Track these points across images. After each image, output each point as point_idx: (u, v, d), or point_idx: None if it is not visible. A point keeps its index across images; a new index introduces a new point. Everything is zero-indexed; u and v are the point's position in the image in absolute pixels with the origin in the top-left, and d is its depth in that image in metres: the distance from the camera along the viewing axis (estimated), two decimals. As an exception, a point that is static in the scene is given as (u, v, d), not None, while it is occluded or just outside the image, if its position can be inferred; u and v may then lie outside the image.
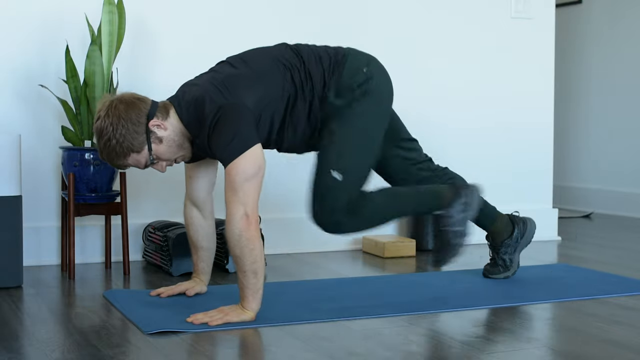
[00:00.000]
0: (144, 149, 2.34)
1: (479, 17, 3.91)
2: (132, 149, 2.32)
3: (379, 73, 2.58)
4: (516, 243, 2.86)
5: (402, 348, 2.06)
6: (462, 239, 2.67)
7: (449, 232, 2.65)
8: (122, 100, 2.34)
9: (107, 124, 2.30)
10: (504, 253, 2.86)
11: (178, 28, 3.38)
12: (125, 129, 2.30)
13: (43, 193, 3.19)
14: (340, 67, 2.51)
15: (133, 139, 2.31)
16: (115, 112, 2.31)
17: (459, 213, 2.64)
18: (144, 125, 2.32)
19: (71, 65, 2.98)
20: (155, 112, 2.34)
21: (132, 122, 2.31)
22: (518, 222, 2.86)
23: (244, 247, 2.23)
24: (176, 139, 2.37)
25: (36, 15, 3.16)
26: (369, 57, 2.61)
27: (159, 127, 2.34)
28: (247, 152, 2.24)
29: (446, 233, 2.65)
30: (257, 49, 2.56)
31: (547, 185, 4.10)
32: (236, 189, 2.23)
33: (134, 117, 2.31)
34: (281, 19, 3.53)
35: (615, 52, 5.17)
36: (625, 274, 3.04)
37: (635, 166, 5.02)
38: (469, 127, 3.90)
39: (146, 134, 2.32)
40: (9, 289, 2.72)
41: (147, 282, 2.90)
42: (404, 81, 3.75)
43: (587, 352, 2.03)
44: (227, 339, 2.13)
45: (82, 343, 2.07)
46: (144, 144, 2.33)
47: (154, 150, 2.35)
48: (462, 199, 2.65)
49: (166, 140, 2.36)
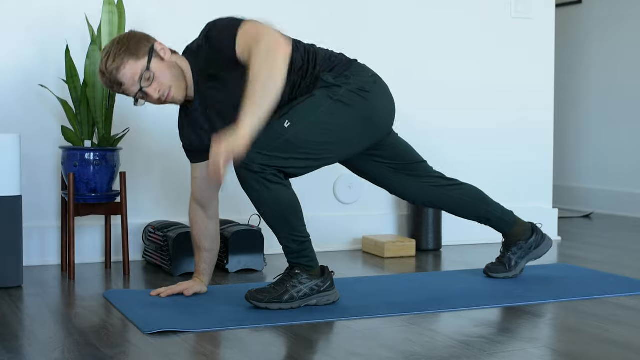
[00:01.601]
0: (143, 59, 2.41)
1: (479, 17, 3.92)
2: (133, 53, 2.39)
3: (380, 88, 2.52)
4: (529, 249, 2.88)
5: (402, 348, 2.06)
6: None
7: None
8: (126, 34, 2.49)
9: (114, 41, 2.43)
10: (513, 253, 2.86)
11: (178, 28, 3.37)
12: (131, 36, 2.43)
13: (43, 193, 3.20)
14: (345, 65, 2.49)
15: (137, 47, 2.41)
16: (120, 37, 2.45)
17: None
18: (150, 43, 2.44)
19: (71, 65, 2.98)
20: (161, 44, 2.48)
21: (138, 37, 2.44)
22: (538, 232, 2.90)
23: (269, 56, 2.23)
24: (175, 68, 2.44)
25: (36, 16, 3.16)
26: (373, 72, 2.55)
27: (162, 50, 2.44)
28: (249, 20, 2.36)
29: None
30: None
31: (547, 185, 4.11)
32: (259, 38, 2.28)
33: (142, 36, 2.46)
34: (281, 20, 3.53)
35: (615, 52, 5.17)
36: (625, 274, 3.04)
37: (635, 166, 5.02)
38: (469, 127, 3.90)
39: (150, 51, 2.42)
40: (9, 289, 2.72)
41: (147, 282, 2.90)
42: (404, 82, 3.75)
43: (587, 352, 2.03)
44: (227, 339, 2.13)
45: (82, 343, 2.07)
46: (145, 55, 2.41)
47: (153, 65, 2.41)
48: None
49: (167, 62, 2.43)
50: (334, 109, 2.40)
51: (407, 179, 2.71)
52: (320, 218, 3.56)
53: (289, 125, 2.33)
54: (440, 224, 3.63)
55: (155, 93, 2.41)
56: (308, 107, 2.38)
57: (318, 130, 2.38)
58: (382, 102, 2.52)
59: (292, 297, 2.40)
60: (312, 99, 2.39)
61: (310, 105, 2.38)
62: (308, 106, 2.38)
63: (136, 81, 2.39)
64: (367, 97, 2.45)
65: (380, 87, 2.52)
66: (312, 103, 2.38)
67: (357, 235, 3.66)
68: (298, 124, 2.35)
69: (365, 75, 2.50)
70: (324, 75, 2.43)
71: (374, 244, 3.51)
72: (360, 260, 3.42)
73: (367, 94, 2.45)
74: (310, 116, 2.37)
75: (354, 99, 2.43)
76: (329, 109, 2.39)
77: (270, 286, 2.43)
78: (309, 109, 2.37)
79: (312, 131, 2.37)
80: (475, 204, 2.79)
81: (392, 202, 3.77)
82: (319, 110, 2.38)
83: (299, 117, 2.36)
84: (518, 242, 2.86)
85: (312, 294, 2.43)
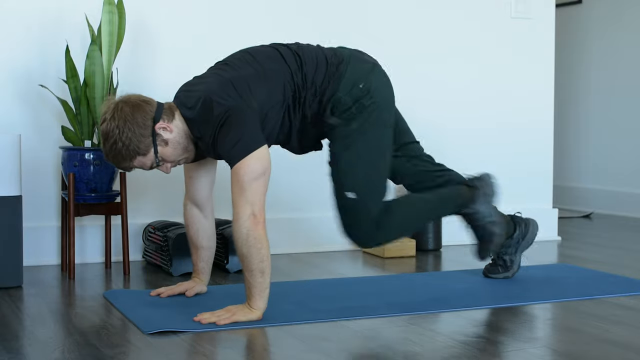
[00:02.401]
0: (150, 152, 2.34)
1: (479, 17, 3.91)
2: (139, 152, 2.32)
3: (378, 83, 2.55)
4: (517, 244, 2.86)
5: (402, 348, 2.06)
6: (497, 226, 2.76)
7: (485, 225, 2.75)
8: (128, 103, 2.33)
9: (113, 127, 2.30)
10: (504, 253, 2.86)
11: (178, 28, 3.38)
12: (132, 132, 2.29)
13: (43, 193, 3.19)
14: (337, 80, 2.48)
15: (139, 142, 2.31)
16: (121, 115, 2.30)
17: (483, 205, 2.75)
18: (150, 128, 2.32)
19: (71, 65, 2.98)
20: (161, 115, 2.34)
21: (139, 125, 2.30)
22: (520, 223, 2.87)
23: (251, 246, 2.23)
24: (181, 141, 2.38)
25: (36, 16, 3.16)
26: (369, 66, 2.57)
27: (164, 130, 2.34)
28: (254, 152, 2.25)
29: (483, 227, 2.76)
30: (263, 48, 2.53)
31: (547, 186, 4.11)
32: (244, 188, 2.24)
33: (140, 120, 2.31)
34: (280, 19, 3.54)
35: (615, 52, 5.17)
36: (625, 274, 3.04)
37: (635, 166, 5.02)
38: (469, 127, 3.90)
39: (152, 136, 2.32)
40: (9, 289, 2.72)
41: (147, 282, 2.90)
42: (404, 82, 3.75)
43: (587, 352, 2.03)
44: (227, 339, 2.13)
45: (82, 343, 2.07)
46: (150, 147, 2.33)
47: (160, 153, 2.35)
48: (481, 190, 2.74)
49: (172, 143, 2.36)
50: (364, 142, 2.51)
51: (397, 159, 2.74)
52: (321, 218, 3.56)
53: (354, 193, 2.50)
54: (440, 224, 3.63)
55: (167, 169, 2.43)
56: (345, 167, 2.50)
57: (367, 168, 2.52)
58: (385, 96, 2.57)
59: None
60: (342, 159, 2.50)
61: (347, 163, 2.50)
62: (345, 166, 2.50)
63: (148, 166, 2.39)
64: (371, 107, 2.51)
65: (376, 78, 2.55)
66: (346, 161, 2.50)
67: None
68: (355, 184, 2.50)
69: (356, 85, 2.50)
70: (327, 115, 2.48)
71: (374, 244, 3.51)
72: (360, 260, 3.42)
73: (373, 103, 2.51)
74: (355, 171, 2.50)
75: (366, 122, 2.50)
76: (359, 150, 2.50)
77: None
78: (349, 166, 2.50)
79: (367, 175, 2.52)
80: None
81: (392, 202, 3.77)
82: (356, 160, 2.50)
83: (351, 181, 2.50)
84: (504, 242, 2.86)
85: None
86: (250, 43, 2.71)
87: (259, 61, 2.44)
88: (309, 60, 2.48)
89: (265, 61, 2.44)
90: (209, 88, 2.35)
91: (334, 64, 2.51)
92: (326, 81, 2.47)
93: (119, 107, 2.32)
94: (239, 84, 2.35)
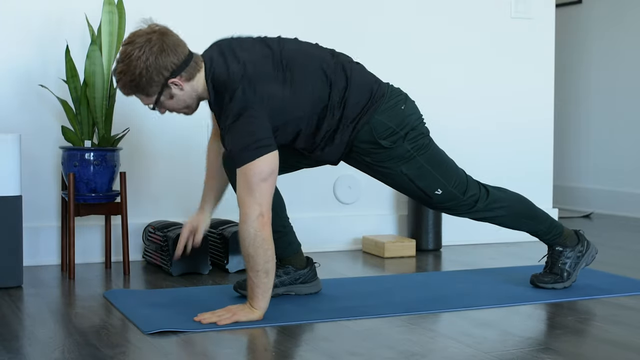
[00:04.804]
0: (152, 96, 2.33)
1: (479, 17, 3.91)
2: (142, 91, 2.32)
3: (412, 107, 2.56)
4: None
5: (402, 348, 2.06)
6: (566, 281, 2.76)
7: (563, 269, 2.76)
8: (162, 37, 2.30)
9: (135, 57, 2.26)
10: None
11: (178, 28, 3.37)
12: (148, 72, 2.26)
13: (43, 193, 3.19)
14: (376, 104, 2.47)
15: (148, 84, 2.29)
16: (149, 49, 2.26)
17: (572, 254, 2.78)
18: (165, 78, 2.29)
19: (71, 65, 2.98)
20: (183, 70, 2.31)
21: (157, 69, 2.27)
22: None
23: (258, 247, 2.23)
24: (187, 100, 2.37)
25: (36, 15, 3.16)
26: (404, 95, 2.57)
27: (176, 86, 2.32)
28: (264, 156, 2.25)
29: (562, 269, 2.76)
30: (307, 47, 2.48)
31: (547, 186, 4.10)
32: (253, 189, 2.23)
33: (161, 65, 2.27)
34: (280, 19, 3.53)
35: (615, 52, 5.17)
36: (625, 274, 3.04)
37: (635, 166, 5.02)
38: (469, 127, 3.90)
39: (162, 86, 2.31)
40: (9, 289, 2.72)
41: (147, 282, 2.90)
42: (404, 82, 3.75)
43: (587, 352, 2.03)
44: (227, 339, 2.13)
45: (82, 343, 2.07)
46: (155, 93, 2.32)
47: (161, 101, 2.35)
48: (585, 243, 2.81)
49: (177, 98, 2.35)
50: (423, 154, 2.53)
51: None
52: (320, 218, 3.56)
53: (439, 189, 2.57)
54: (440, 224, 3.63)
55: (162, 113, 2.41)
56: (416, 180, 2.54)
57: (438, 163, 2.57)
58: (419, 116, 2.59)
59: (568, 273, 2.76)
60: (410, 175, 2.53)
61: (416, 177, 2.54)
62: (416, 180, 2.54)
63: (144, 103, 2.38)
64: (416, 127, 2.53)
65: (409, 106, 2.55)
66: (415, 175, 2.53)
67: (357, 235, 3.66)
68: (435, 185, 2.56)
69: (397, 106, 2.50)
70: (383, 142, 2.47)
71: (374, 244, 3.51)
72: (360, 260, 3.42)
73: (419, 124, 2.54)
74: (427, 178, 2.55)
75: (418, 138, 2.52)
76: (422, 157, 2.53)
77: (545, 271, 2.78)
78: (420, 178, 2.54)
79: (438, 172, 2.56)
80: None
81: (392, 202, 3.77)
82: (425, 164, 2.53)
83: (430, 185, 2.56)
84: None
85: (579, 260, 2.77)
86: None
87: (300, 67, 2.39)
88: (355, 81, 2.45)
89: (306, 70, 2.39)
90: (246, 73, 2.30)
91: (376, 89, 2.49)
92: (368, 106, 2.46)
93: (152, 41, 2.27)
94: (266, 85, 2.31)
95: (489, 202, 2.64)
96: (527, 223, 2.75)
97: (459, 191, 2.59)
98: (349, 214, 3.68)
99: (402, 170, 2.52)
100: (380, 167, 2.52)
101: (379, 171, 2.55)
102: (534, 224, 2.76)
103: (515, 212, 2.72)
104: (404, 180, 2.55)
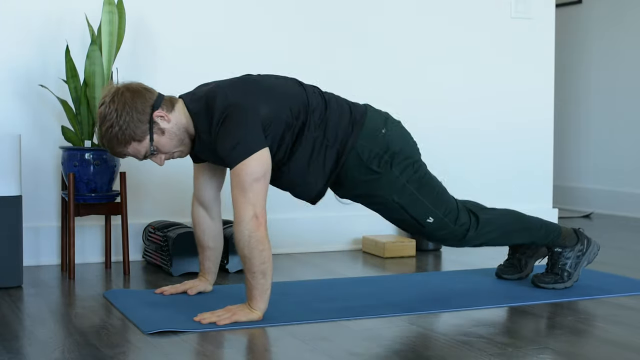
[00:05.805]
0: (145, 139, 2.33)
1: (479, 17, 3.91)
2: (134, 137, 2.31)
3: (396, 128, 2.56)
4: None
5: (402, 348, 2.06)
6: (567, 281, 2.75)
7: (564, 269, 2.74)
8: (129, 88, 2.34)
9: (112, 110, 2.29)
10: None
11: (178, 28, 3.38)
12: (129, 116, 2.29)
13: (43, 193, 3.19)
14: (357, 127, 2.48)
15: (136, 127, 2.30)
16: (121, 99, 2.30)
17: (572, 254, 2.76)
18: (148, 115, 2.31)
19: (71, 65, 2.98)
20: (161, 104, 2.34)
21: (137, 110, 2.30)
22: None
23: (253, 248, 2.23)
24: (178, 133, 2.37)
25: (36, 15, 3.16)
26: (385, 115, 2.58)
27: (162, 119, 2.33)
28: (255, 154, 2.25)
29: (562, 269, 2.75)
30: (288, 78, 2.52)
31: (547, 185, 4.11)
32: (245, 190, 2.24)
33: (139, 106, 2.31)
34: (280, 19, 3.53)
35: (615, 52, 5.17)
36: (625, 274, 3.04)
37: (635, 166, 5.02)
38: (469, 127, 3.90)
39: (149, 123, 2.31)
40: (9, 289, 2.72)
41: (147, 282, 2.90)
42: (404, 82, 3.76)
43: (587, 352, 2.03)
44: (227, 339, 2.13)
45: (82, 343, 2.07)
46: (146, 134, 2.32)
47: (155, 141, 2.34)
48: (584, 241, 2.79)
49: (168, 133, 2.35)
50: (411, 179, 2.52)
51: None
52: (320, 218, 3.56)
53: (430, 217, 2.56)
54: (440, 224, 3.63)
55: (160, 161, 2.41)
56: (407, 207, 2.54)
57: (423, 196, 2.55)
58: (405, 137, 2.58)
59: (569, 273, 2.73)
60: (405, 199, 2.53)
61: (407, 204, 2.53)
62: (406, 207, 2.54)
63: (142, 154, 2.38)
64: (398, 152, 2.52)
65: (389, 128, 2.54)
66: (404, 202, 2.53)
67: (357, 235, 3.66)
68: (425, 212, 2.55)
69: (378, 130, 2.50)
70: (374, 167, 2.48)
71: (374, 244, 3.51)
72: (360, 260, 3.42)
73: (405, 146, 2.54)
74: (417, 205, 2.54)
75: (406, 162, 2.52)
76: (411, 187, 2.52)
77: (546, 271, 2.76)
78: (409, 205, 2.53)
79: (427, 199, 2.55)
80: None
81: (392, 202, 3.77)
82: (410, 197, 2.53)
83: (421, 212, 2.55)
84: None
85: (580, 259, 2.75)
86: (250, 42, 2.71)
87: (284, 82, 2.45)
88: (333, 107, 2.47)
89: (291, 84, 2.44)
90: (217, 84, 2.38)
91: (356, 113, 2.50)
92: (349, 129, 2.47)
93: (119, 92, 2.31)
94: (251, 87, 2.35)
95: (479, 229, 2.62)
96: (521, 236, 2.74)
97: (450, 220, 2.58)
98: (349, 214, 3.67)
99: (394, 198, 2.52)
100: (373, 197, 2.54)
101: (373, 202, 2.57)
102: (528, 235, 2.75)
103: (506, 230, 2.70)
104: (396, 208, 2.54)
